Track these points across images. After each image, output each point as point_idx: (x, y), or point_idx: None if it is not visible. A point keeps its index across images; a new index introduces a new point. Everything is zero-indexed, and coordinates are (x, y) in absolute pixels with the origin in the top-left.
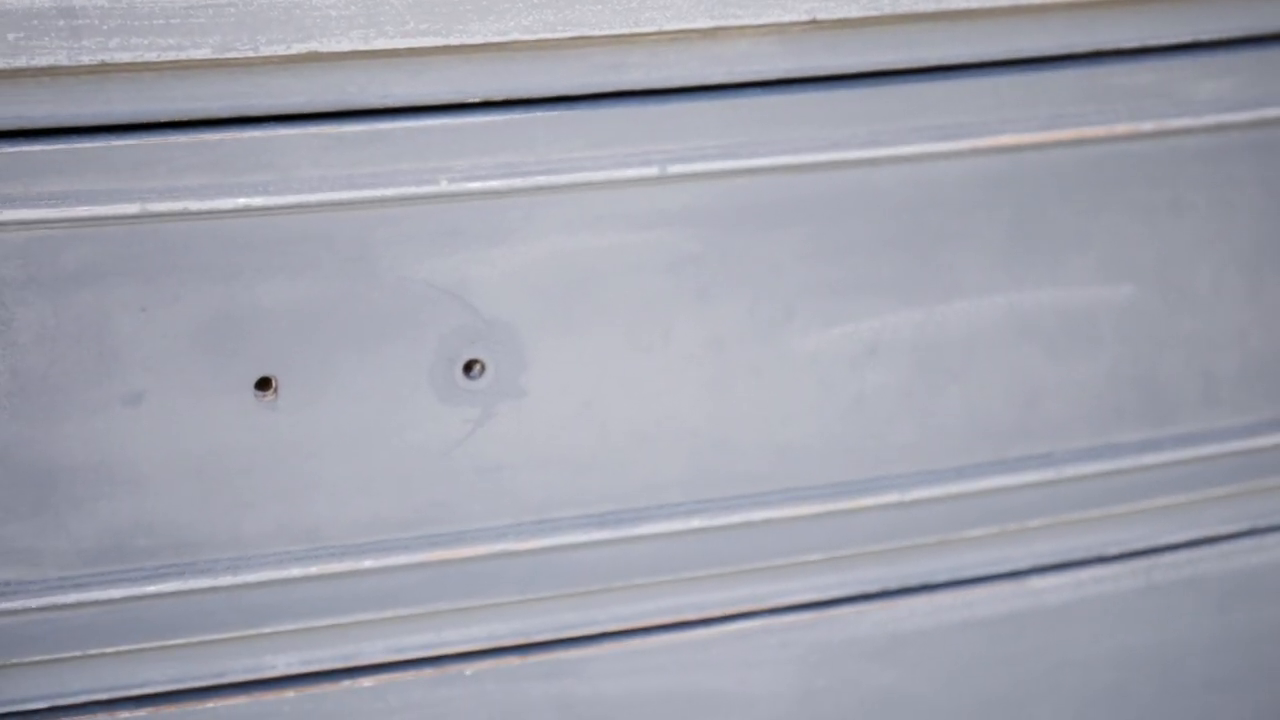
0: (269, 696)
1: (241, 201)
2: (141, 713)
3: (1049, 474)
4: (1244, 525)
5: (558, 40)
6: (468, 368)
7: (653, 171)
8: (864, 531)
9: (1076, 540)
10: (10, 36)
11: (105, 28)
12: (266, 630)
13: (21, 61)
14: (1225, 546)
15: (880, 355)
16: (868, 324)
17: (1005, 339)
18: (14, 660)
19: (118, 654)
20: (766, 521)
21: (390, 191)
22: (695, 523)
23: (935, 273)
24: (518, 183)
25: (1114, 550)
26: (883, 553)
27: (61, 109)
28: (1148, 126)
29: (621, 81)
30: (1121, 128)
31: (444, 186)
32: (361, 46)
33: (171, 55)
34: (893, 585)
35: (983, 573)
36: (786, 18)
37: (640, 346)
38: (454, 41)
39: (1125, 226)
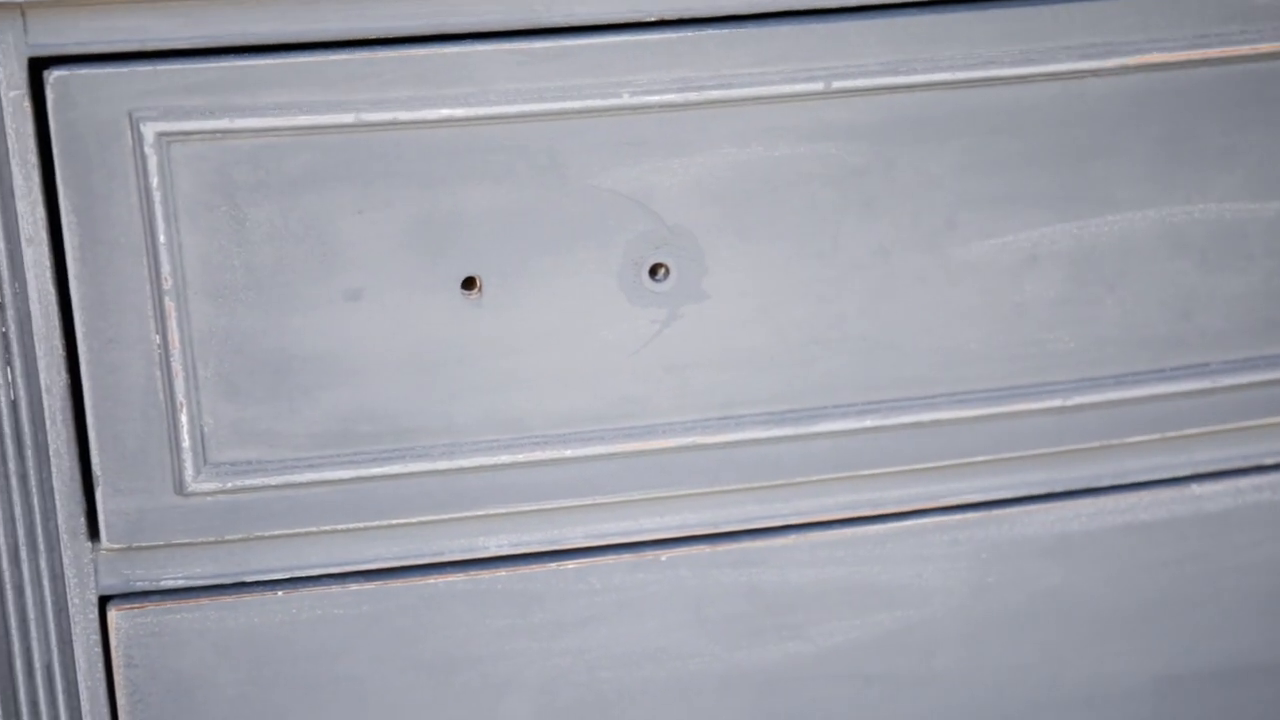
0: (483, 575)
1: (444, 112)
2: (370, 586)
3: (1205, 384)
4: None
5: None
6: (653, 271)
7: (818, 87)
8: (1028, 435)
9: (1235, 449)
10: None
11: None
12: (479, 513)
13: None
14: None
15: (1039, 265)
16: (1025, 235)
17: (1158, 252)
18: (257, 534)
19: (348, 531)
20: (935, 423)
21: (576, 104)
22: (867, 422)
23: (1088, 187)
24: (693, 96)
25: (1272, 460)
26: (1047, 456)
27: (284, 26)
28: None
29: (789, 1)
30: (1266, 46)
31: (625, 99)
32: None
33: None
34: (1058, 488)
35: (1144, 478)
36: None
37: (811, 253)
38: None
39: (1272, 143)
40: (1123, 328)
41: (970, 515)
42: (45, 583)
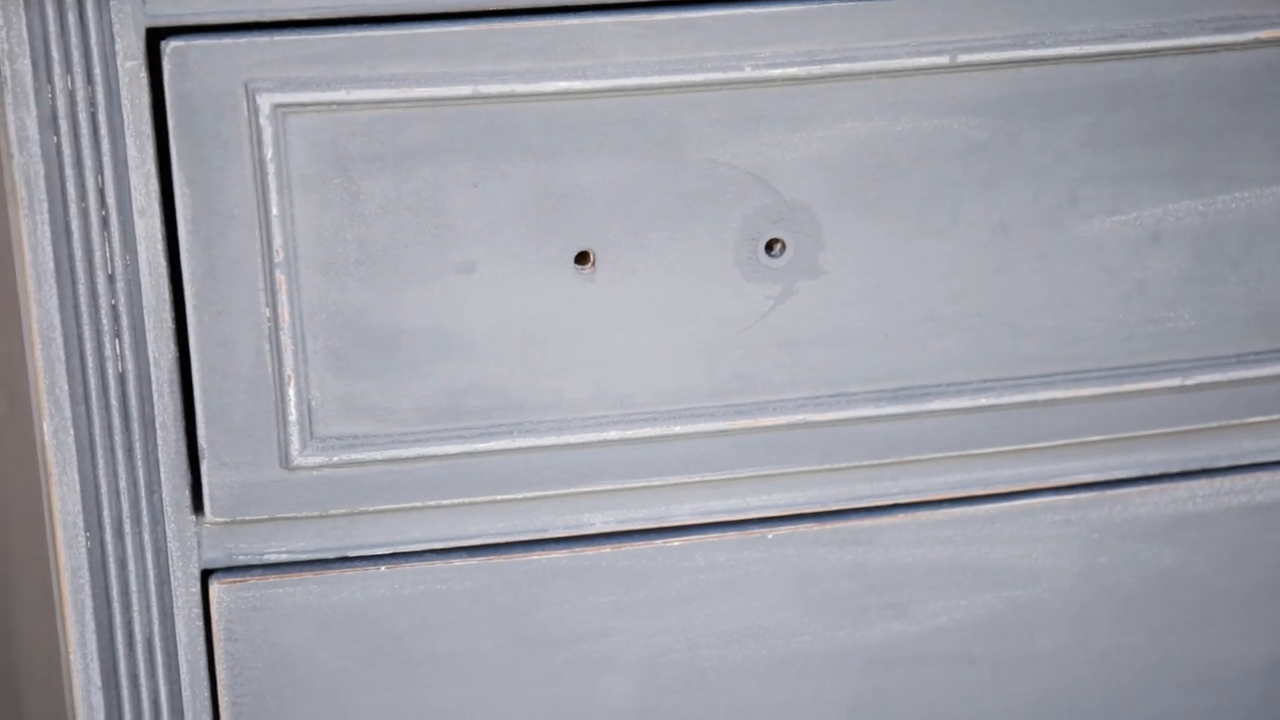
0: (588, 552)
1: (562, 85)
2: (473, 561)
3: None
4: None
5: None
6: (769, 247)
7: (943, 60)
8: (1145, 415)
9: None
10: None
11: None
12: (585, 489)
13: None
14: None
15: (1162, 243)
16: (1149, 212)
17: None
18: (361, 509)
19: (453, 506)
20: (1050, 402)
21: (698, 77)
22: (982, 400)
23: (1215, 162)
24: (816, 70)
25: None
26: (1164, 436)
27: None
28: None
29: None
30: None
31: (748, 73)
32: None
33: None
34: (1174, 468)
35: (1263, 459)
36: None
37: (930, 230)
38: None
39: None
40: (1246, 306)
41: (1083, 495)
42: (148, 556)
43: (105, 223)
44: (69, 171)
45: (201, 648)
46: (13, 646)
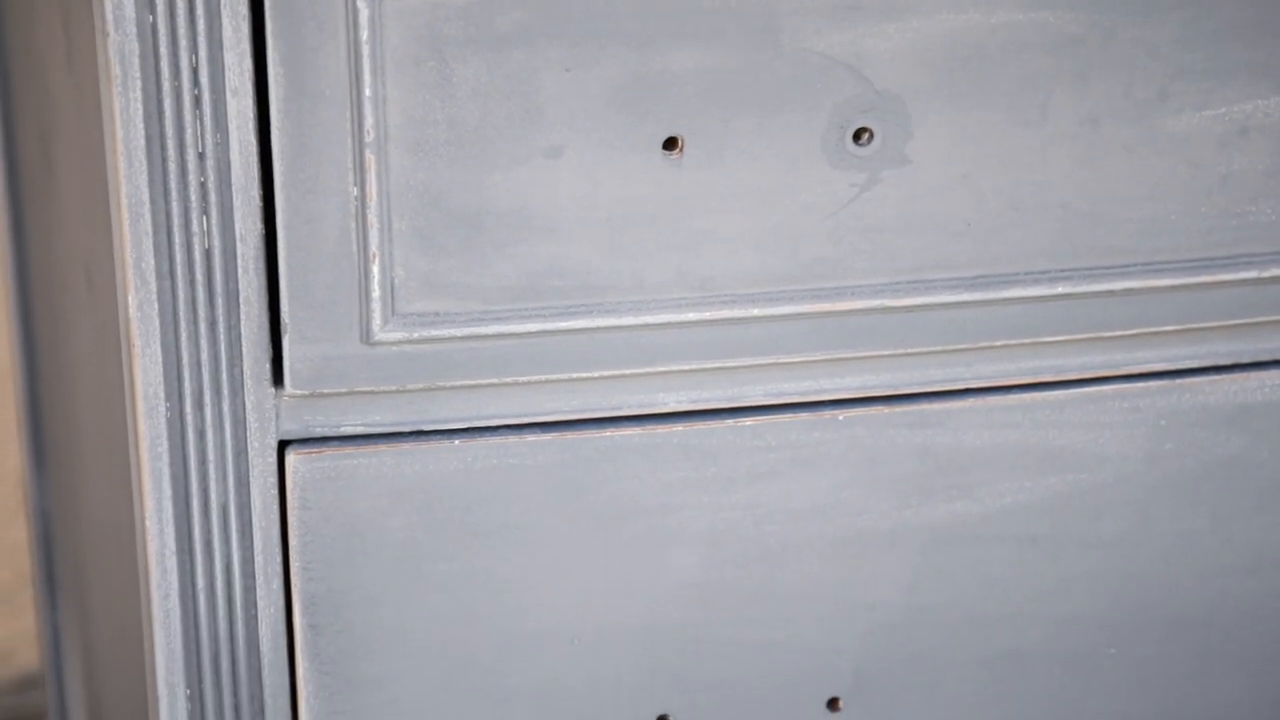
0: (660, 430)
1: None
2: (547, 437)
3: None
4: None
5: None
6: (857, 135)
7: None
8: (1220, 306)
9: None
10: None
11: None
12: (660, 369)
13: None
14: None
15: (1249, 137)
16: (1239, 107)
17: None
18: (440, 384)
19: (529, 383)
20: (1127, 291)
21: None
22: (1059, 289)
23: None
24: None
25: None
26: (1237, 327)
27: None
28: None
29: None
30: None
31: None
32: None
33: None
34: (1245, 359)
35: None
36: None
37: (1018, 122)
38: None
39: None
40: None
41: (1153, 384)
42: (227, 427)
43: (198, 101)
44: (163, 50)
45: (275, 516)
46: (80, 519)
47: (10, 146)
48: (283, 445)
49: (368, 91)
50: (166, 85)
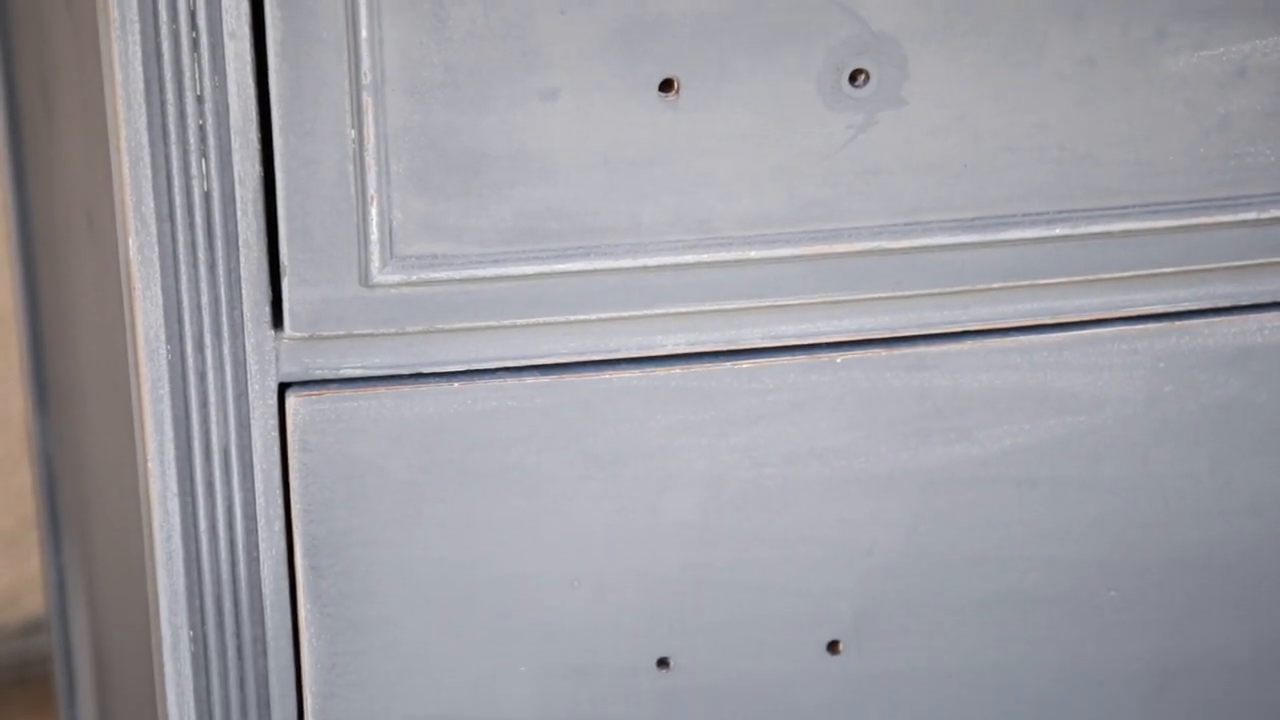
0: (658, 372)
1: None
2: (545, 379)
3: None
4: None
5: None
6: (853, 77)
7: None
8: (1219, 247)
9: None
10: None
11: None
12: (658, 312)
13: None
14: None
15: (1248, 78)
16: (1237, 48)
17: None
18: (438, 326)
19: (527, 326)
20: (1125, 233)
21: None
22: (1056, 230)
23: None
24: None
25: None
26: (1236, 269)
27: None
28: None
29: None
30: None
31: None
32: None
33: None
34: (1244, 300)
35: None
36: None
37: (1015, 63)
38: None
39: None
40: None
41: (1152, 326)
42: (228, 369)
43: (195, 44)
44: None
45: (276, 458)
46: (83, 462)
47: (11, 91)
48: (283, 388)
49: (364, 34)
50: (165, 29)
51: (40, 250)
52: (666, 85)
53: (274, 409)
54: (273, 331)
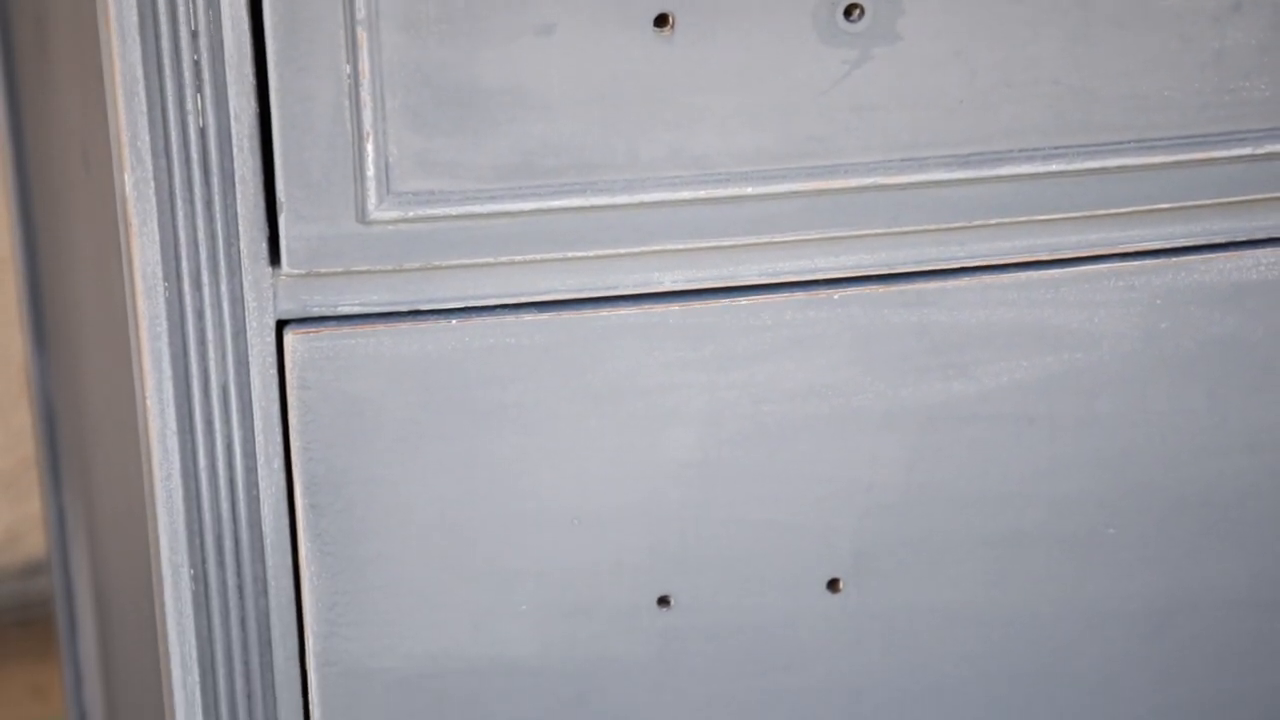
0: (656, 309)
1: None
2: (543, 316)
3: None
4: None
5: None
6: (848, 12)
7: None
8: (1215, 183)
9: None
10: None
11: None
12: (656, 248)
13: None
14: None
15: (1243, 11)
16: None
17: None
18: (435, 263)
19: (525, 262)
20: (1121, 169)
21: None
22: (1053, 166)
23: None
24: None
25: None
26: (1232, 205)
27: None
28: None
29: None
30: None
31: None
32: None
33: None
34: (1240, 236)
35: None
36: None
37: None
38: None
39: None
40: None
41: (1148, 262)
42: (225, 306)
43: None
44: None
45: (275, 395)
46: (82, 402)
47: (6, 31)
48: (281, 325)
49: None
50: None
51: (37, 188)
52: (661, 20)
53: (272, 346)
54: (270, 268)
